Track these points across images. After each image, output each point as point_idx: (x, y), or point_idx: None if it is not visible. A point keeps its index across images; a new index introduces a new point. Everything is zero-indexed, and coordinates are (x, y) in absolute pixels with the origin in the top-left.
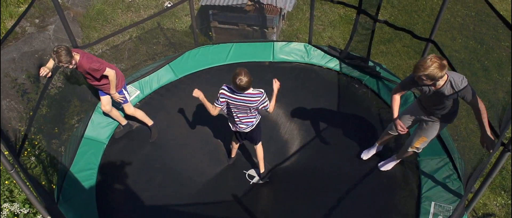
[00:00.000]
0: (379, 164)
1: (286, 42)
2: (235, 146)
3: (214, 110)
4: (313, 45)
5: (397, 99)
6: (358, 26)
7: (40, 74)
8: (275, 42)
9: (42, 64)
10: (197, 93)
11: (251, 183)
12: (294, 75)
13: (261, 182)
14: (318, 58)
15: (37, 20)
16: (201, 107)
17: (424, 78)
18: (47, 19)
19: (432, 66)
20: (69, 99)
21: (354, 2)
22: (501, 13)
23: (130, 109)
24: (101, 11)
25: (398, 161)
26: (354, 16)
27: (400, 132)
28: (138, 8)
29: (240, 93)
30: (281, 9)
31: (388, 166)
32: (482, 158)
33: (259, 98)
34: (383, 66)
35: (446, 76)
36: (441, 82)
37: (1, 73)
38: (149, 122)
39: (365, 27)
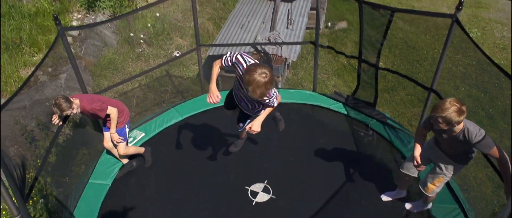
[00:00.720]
0: (406, 204)
1: (291, 89)
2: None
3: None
4: (319, 93)
5: (420, 137)
6: (363, 73)
7: (52, 122)
8: (280, 89)
9: (53, 112)
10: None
11: (253, 203)
12: (299, 114)
13: (265, 199)
14: (324, 101)
15: (50, 69)
16: (204, 142)
17: (441, 120)
18: (60, 68)
19: (451, 108)
20: (77, 147)
21: (356, 50)
22: (502, 62)
23: (122, 149)
24: (112, 61)
25: (427, 204)
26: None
27: (417, 169)
28: (147, 57)
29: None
30: (286, 58)
31: (415, 208)
32: (494, 210)
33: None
34: (387, 115)
35: (462, 124)
36: (456, 130)
37: (12, 120)
38: (141, 150)
39: (368, 75)
